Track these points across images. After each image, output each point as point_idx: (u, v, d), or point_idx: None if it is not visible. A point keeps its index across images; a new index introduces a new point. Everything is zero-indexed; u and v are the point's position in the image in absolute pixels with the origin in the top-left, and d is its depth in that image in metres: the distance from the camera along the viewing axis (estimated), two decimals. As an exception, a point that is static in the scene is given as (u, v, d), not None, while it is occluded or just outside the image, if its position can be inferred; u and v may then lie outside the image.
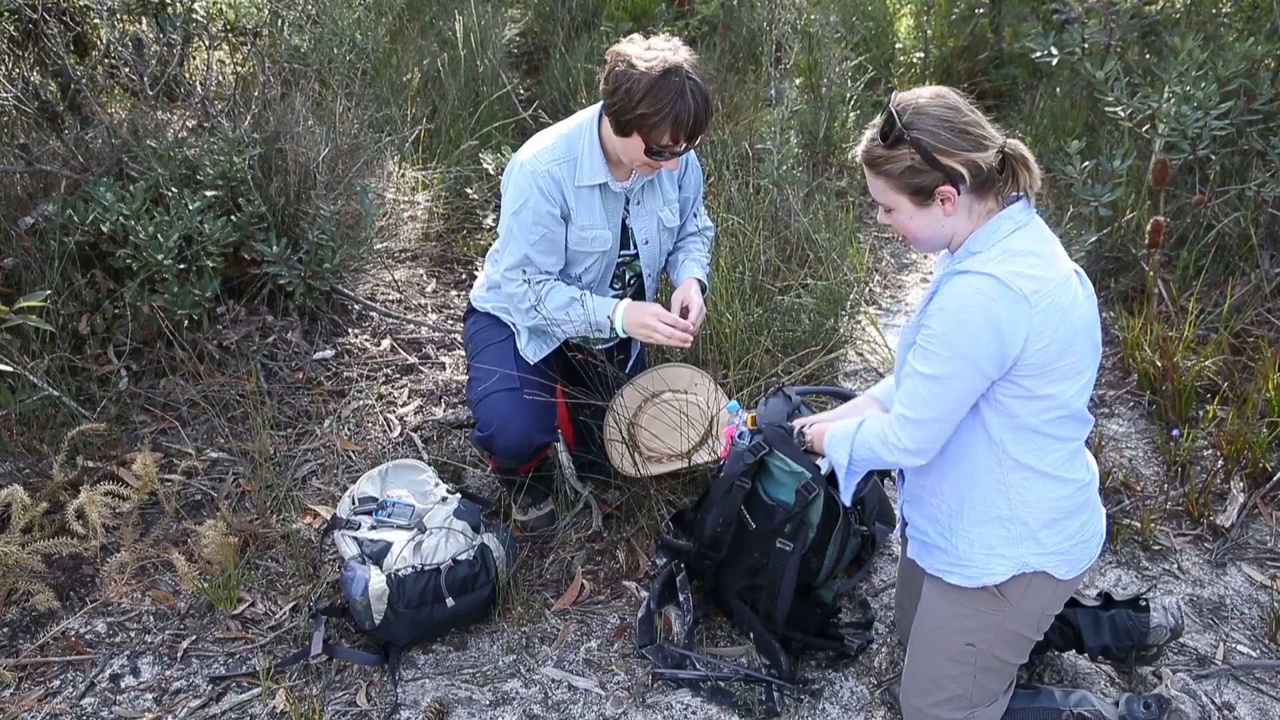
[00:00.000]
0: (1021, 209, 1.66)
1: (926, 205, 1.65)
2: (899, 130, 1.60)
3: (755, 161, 3.79)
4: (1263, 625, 2.31)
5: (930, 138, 1.59)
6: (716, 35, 5.31)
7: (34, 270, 2.95)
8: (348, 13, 3.94)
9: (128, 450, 2.72)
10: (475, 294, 2.58)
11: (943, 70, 5.52)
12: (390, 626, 2.17)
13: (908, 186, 1.64)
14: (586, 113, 2.29)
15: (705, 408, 2.49)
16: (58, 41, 3.28)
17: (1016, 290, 1.56)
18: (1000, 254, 1.61)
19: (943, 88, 1.66)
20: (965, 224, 1.67)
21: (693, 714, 2.09)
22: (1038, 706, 1.94)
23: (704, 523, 2.20)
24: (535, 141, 2.29)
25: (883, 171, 1.65)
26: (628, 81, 2.05)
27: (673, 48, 2.09)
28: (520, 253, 2.27)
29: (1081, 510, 1.76)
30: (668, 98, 2.03)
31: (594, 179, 2.25)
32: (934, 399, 1.65)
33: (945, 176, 1.61)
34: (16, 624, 2.30)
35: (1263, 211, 3.28)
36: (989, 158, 1.60)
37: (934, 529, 1.83)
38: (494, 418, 2.33)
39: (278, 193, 3.29)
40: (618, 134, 2.14)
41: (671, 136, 2.08)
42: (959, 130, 1.59)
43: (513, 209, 2.25)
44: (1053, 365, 1.61)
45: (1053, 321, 1.58)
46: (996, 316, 1.56)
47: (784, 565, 2.07)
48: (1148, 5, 4.03)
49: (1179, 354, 2.97)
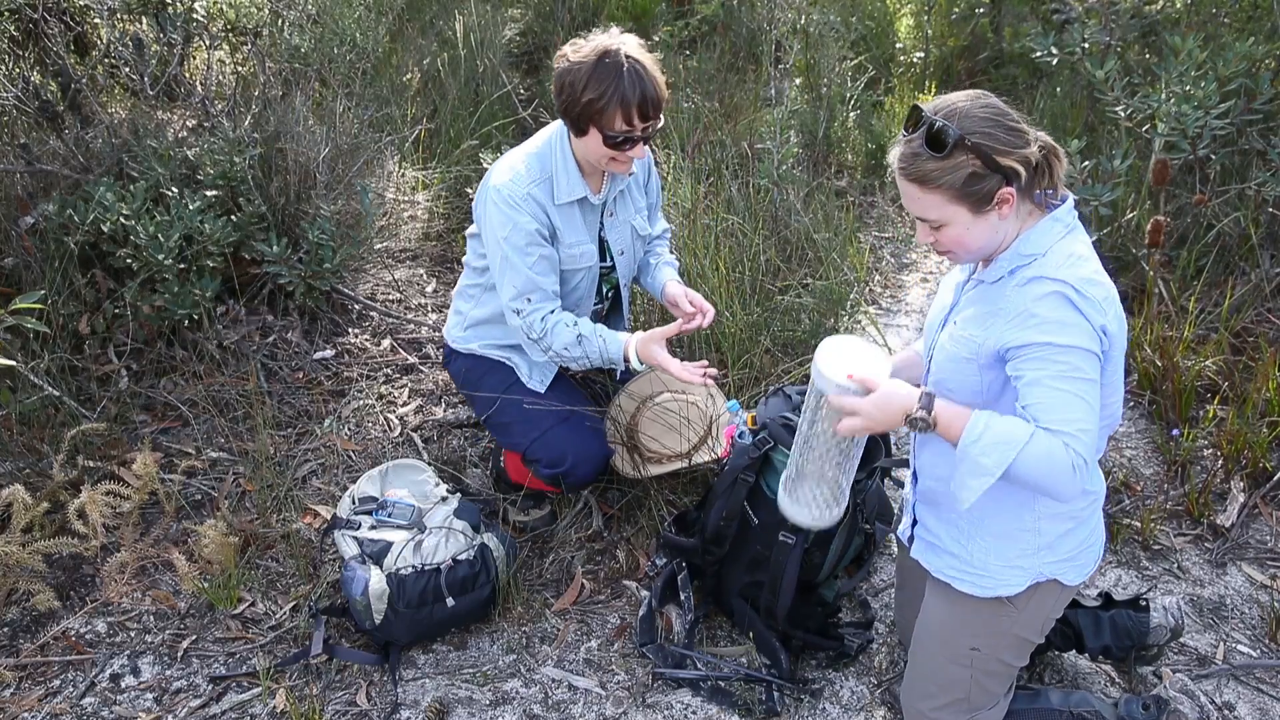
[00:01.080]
0: (1068, 211, 1.61)
1: (985, 212, 1.56)
2: (957, 136, 1.51)
3: (755, 161, 3.79)
4: (1263, 625, 2.31)
5: (988, 140, 1.51)
6: (716, 35, 5.31)
7: (34, 270, 2.95)
8: (348, 12, 3.94)
9: (128, 450, 2.72)
10: (452, 334, 2.51)
11: (943, 70, 5.52)
12: (390, 626, 2.17)
13: (969, 195, 1.54)
14: (550, 129, 2.26)
15: (704, 408, 2.49)
16: (58, 41, 3.28)
17: (1091, 298, 1.51)
18: (1065, 259, 1.55)
19: (974, 90, 1.60)
20: (1013, 227, 1.60)
21: (693, 714, 2.09)
22: (1038, 708, 1.94)
23: (707, 518, 2.20)
24: (505, 166, 2.23)
25: (939, 185, 1.54)
26: (569, 75, 2.05)
27: (610, 36, 2.08)
28: (521, 277, 2.20)
29: (1091, 518, 1.76)
30: (609, 79, 2.02)
31: (573, 194, 2.23)
32: (1093, 399, 1.50)
33: (1005, 178, 1.53)
34: (17, 623, 2.31)
35: (1263, 211, 3.27)
36: (1036, 153, 1.55)
37: (950, 533, 1.79)
38: (567, 451, 2.32)
39: (278, 192, 3.29)
40: (576, 135, 2.14)
41: (624, 118, 2.06)
42: (1008, 128, 1.53)
43: (502, 234, 2.18)
44: (1110, 373, 1.58)
45: (1116, 327, 1.55)
46: (1087, 313, 1.50)
47: (786, 559, 2.07)
48: (1148, 5, 4.02)
49: (1179, 353, 2.97)
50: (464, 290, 2.48)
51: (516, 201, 2.17)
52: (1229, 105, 3.21)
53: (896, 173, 1.60)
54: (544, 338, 2.23)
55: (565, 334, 2.21)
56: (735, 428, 2.15)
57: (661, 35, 5.28)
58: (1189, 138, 3.21)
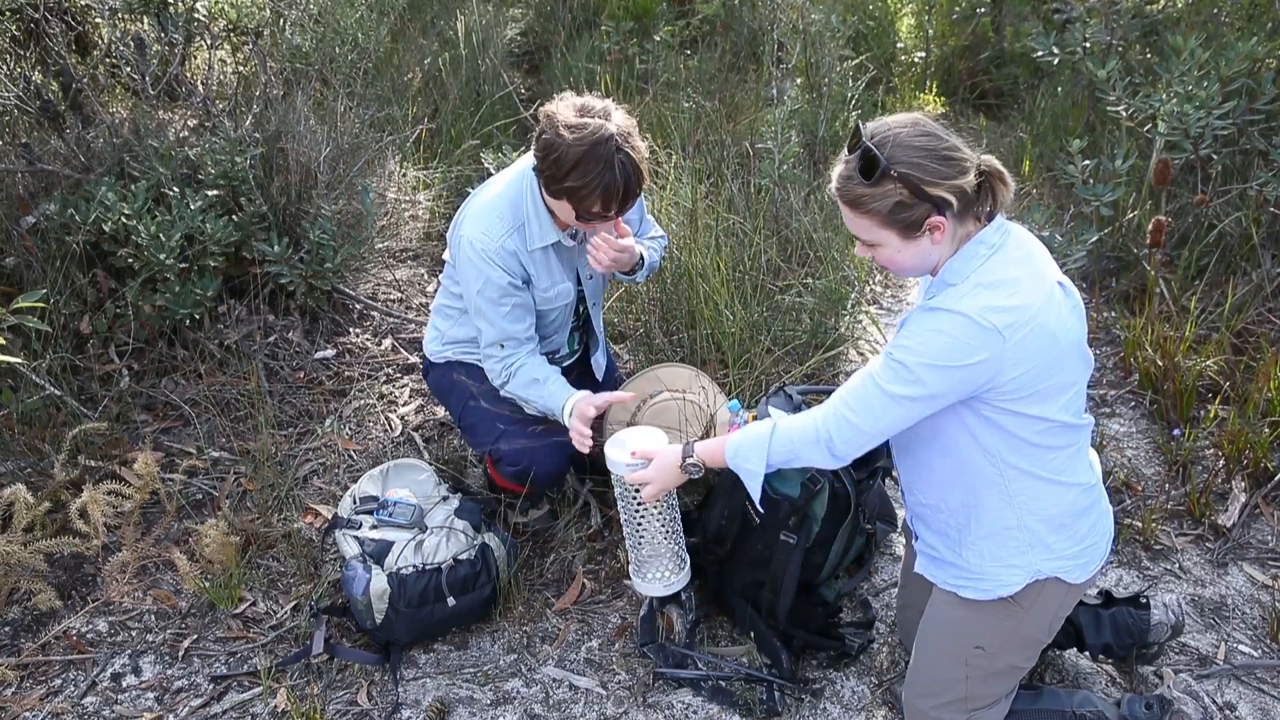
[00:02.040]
0: (994, 231, 1.61)
1: (915, 238, 1.59)
2: (884, 165, 1.53)
3: (756, 161, 3.79)
4: (1264, 625, 2.31)
5: (916, 170, 1.53)
6: (717, 35, 5.31)
7: (35, 270, 2.95)
8: (349, 12, 3.94)
9: (129, 449, 2.72)
10: (430, 348, 2.55)
11: (944, 70, 5.53)
12: (391, 626, 2.17)
13: (897, 222, 1.57)
14: (522, 169, 2.25)
15: (704, 407, 2.49)
16: (59, 41, 3.28)
17: (989, 326, 1.52)
18: (974, 287, 1.56)
19: (915, 114, 1.62)
20: (949, 249, 1.62)
21: (693, 713, 2.10)
22: (1040, 707, 1.94)
23: (708, 517, 2.20)
24: (478, 214, 2.23)
25: (868, 210, 1.58)
26: (556, 151, 2.01)
27: (604, 112, 2.05)
28: (495, 329, 2.25)
29: (1089, 512, 1.74)
30: (595, 170, 2.00)
31: (545, 240, 2.24)
32: (885, 416, 1.63)
33: (934, 206, 1.55)
34: (18, 623, 2.31)
35: (1264, 211, 3.27)
36: (971, 180, 1.56)
37: (943, 544, 1.81)
38: (522, 454, 2.35)
39: (279, 192, 3.29)
40: (549, 197, 2.15)
41: (603, 206, 2.06)
42: (942, 157, 1.54)
43: (476, 289, 2.22)
44: (1036, 388, 1.58)
45: (1034, 347, 1.55)
46: (963, 357, 1.54)
47: (787, 558, 2.07)
48: (1149, 4, 4.02)
49: (1180, 353, 2.96)
50: (442, 309, 2.52)
51: (489, 256, 2.19)
52: (1231, 105, 3.21)
53: (833, 190, 1.64)
54: (507, 383, 2.31)
55: (525, 376, 2.29)
56: (736, 427, 2.15)
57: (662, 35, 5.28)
58: (1190, 138, 3.21)
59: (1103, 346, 3.39)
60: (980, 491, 1.71)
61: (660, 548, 2.10)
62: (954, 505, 1.76)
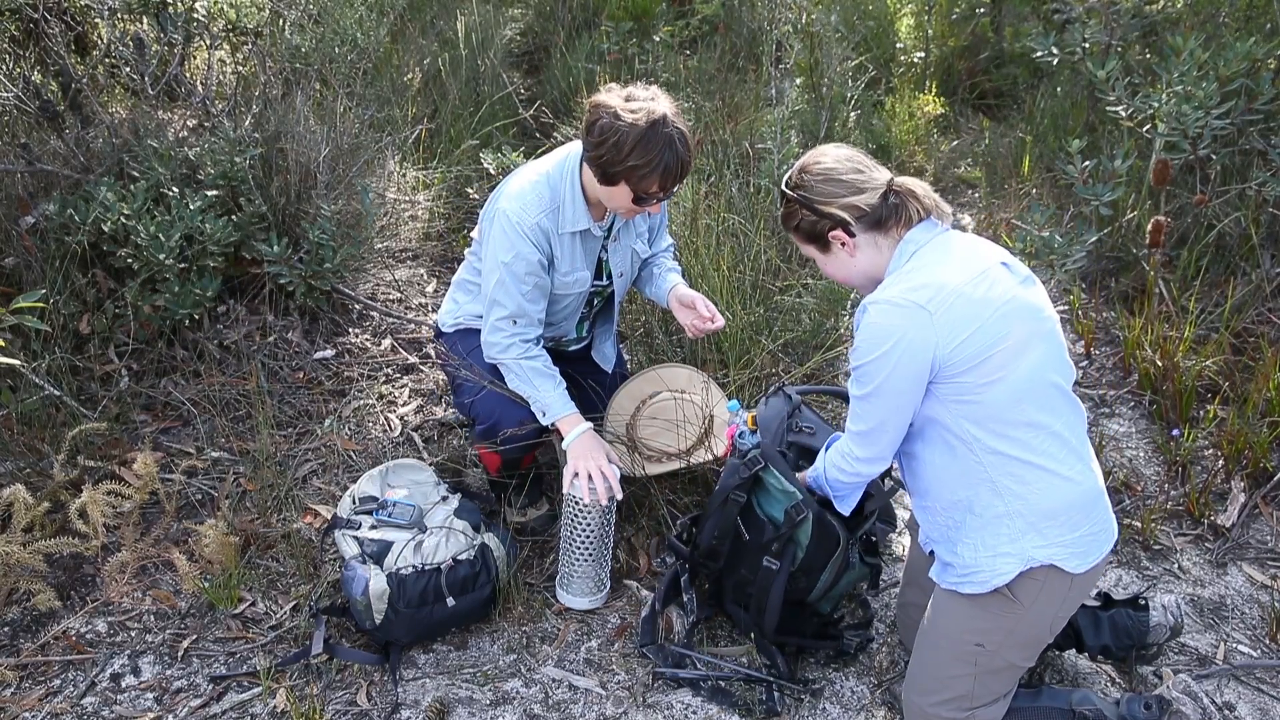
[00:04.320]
0: (922, 229, 1.78)
1: (829, 250, 1.85)
2: (785, 189, 1.85)
3: (756, 161, 3.79)
4: (1263, 625, 2.31)
5: (809, 193, 1.80)
6: (717, 35, 5.31)
7: (35, 270, 2.95)
8: (349, 12, 3.94)
9: (129, 450, 2.72)
10: (445, 320, 2.58)
11: (943, 70, 5.52)
12: (391, 626, 2.17)
13: (809, 238, 1.85)
14: (567, 153, 2.29)
15: (704, 407, 2.49)
16: (59, 41, 3.28)
17: (908, 304, 1.68)
18: (894, 279, 1.75)
19: (838, 145, 1.87)
20: (877, 259, 1.82)
21: (693, 714, 2.10)
22: (1040, 706, 1.94)
23: (700, 535, 2.21)
24: (520, 189, 2.27)
25: (790, 229, 1.88)
26: (615, 134, 2.06)
27: (653, 96, 2.13)
28: (514, 303, 2.28)
29: (1084, 501, 1.75)
30: (657, 148, 2.06)
31: (576, 225, 2.28)
32: (871, 410, 1.78)
33: (832, 222, 1.79)
34: (18, 623, 2.31)
35: (1263, 211, 3.27)
36: (869, 199, 1.77)
37: (944, 548, 1.86)
38: (494, 408, 2.38)
39: (278, 192, 3.29)
40: (603, 183, 2.16)
41: (660, 184, 2.12)
42: (835, 180, 1.79)
43: (504, 258, 2.24)
44: (987, 356, 1.67)
45: (965, 313, 1.67)
46: (896, 337, 1.68)
47: (770, 583, 2.08)
48: (1148, 5, 4.02)
49: (1180, 354, 2.97)
50: (463, 282, 2.55)
51: (524, 231, 2.23)
52: (1230, 105, 3.21)
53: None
54: (507, 355, 2.32)
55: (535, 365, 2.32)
56: (736, 428, 2.15)
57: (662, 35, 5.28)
58: (1190, 138, 3.21)
59: (1102, 346, 3.39)
60: (971, 485, 1.76)
61: (589, 571, 2.33)
62: (945, 505, 1.80)
